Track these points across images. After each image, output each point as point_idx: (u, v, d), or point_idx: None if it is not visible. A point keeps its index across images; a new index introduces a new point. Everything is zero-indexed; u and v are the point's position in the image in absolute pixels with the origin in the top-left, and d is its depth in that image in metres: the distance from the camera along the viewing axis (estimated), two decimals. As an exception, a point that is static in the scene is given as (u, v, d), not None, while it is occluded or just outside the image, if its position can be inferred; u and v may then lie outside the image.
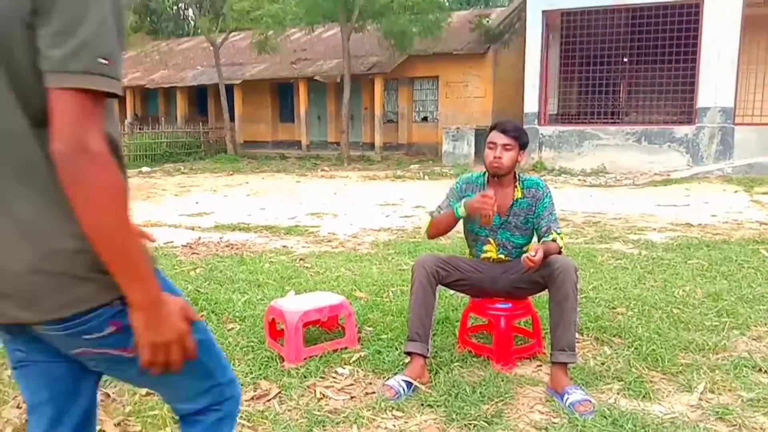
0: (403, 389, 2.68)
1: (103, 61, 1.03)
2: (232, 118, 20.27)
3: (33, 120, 1.07)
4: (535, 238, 3.06)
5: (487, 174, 3.05)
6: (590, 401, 2.54)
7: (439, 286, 2.92)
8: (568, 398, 2.57)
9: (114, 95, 1.07)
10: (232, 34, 20.51)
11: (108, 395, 2.73)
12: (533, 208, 3.00)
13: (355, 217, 7.76)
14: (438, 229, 3.02)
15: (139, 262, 1.10)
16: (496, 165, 2.93)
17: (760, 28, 12.64)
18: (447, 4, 17.86)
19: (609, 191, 10.43)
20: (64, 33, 1.00)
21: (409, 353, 2.85)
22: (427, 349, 2.84)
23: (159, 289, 1.13)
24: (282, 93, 22.21)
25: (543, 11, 13.47)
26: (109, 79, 1.04)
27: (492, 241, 3.05)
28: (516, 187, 3.01)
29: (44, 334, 1.18)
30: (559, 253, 2.91)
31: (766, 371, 2.88)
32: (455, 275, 2.95)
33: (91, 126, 1.02)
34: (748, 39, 12.19)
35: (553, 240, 2.92)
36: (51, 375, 1.28)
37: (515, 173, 3.03)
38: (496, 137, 2.95)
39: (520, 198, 3.00)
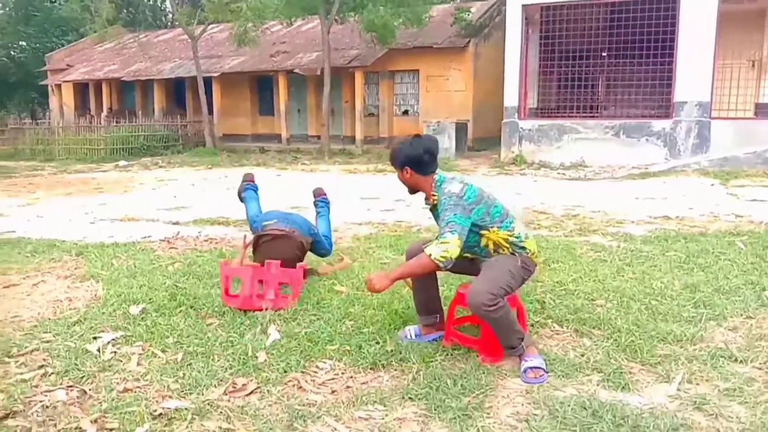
0: (410, 334, 3.23)
1: None
2: (210, 112, 20.06)
3: None
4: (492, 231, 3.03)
5: None
6: (542, 369, 2.82)
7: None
8: (524, 363, 2.86)
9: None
10: (211, 26, 20.27)
11: (84, 392, 2.69)
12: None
13: (336, 210, 7.70)
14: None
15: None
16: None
17: (735, 24, 12.82)
18: (428, -4, 17.80)
19: (588, 184, 10.52)
20: None
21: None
22: (437, 317, 3.27)
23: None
24: (261, 86, 22.02)
25: (522, 5, 13.49)
26: None
27: None
28: (433, 194, 3.07)
29: None
30: (432, 265, 2.84)
31: (741, 361, 2.92)
32: None
33: None
34: (723, 34, 12.36)
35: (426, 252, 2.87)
36: None
37: (431, 182, 3.06)
38: None
39: (437, 202, 3.04)
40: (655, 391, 2.66)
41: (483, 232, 3.01)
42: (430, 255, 2.82)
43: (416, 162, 3.05)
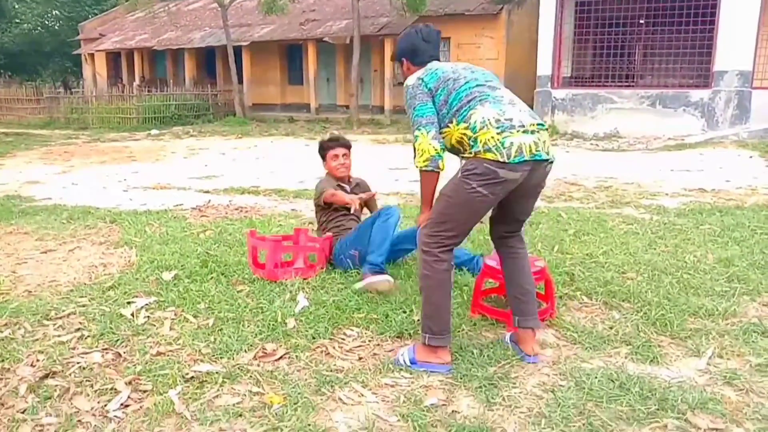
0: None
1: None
2: (240, 81, 20.09)
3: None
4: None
5: None
6: (397, 357, 2.66)
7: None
8: (403, 353, 2.66)
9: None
10: (241, -6, 20.19)
11: (119, 354, 2.77)
12: None
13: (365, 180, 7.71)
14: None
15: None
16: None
17: (782, -11, 12.28)
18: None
19: (622, 155, 10.31)
20: None
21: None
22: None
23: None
24: (291, 55, 21.95)
25: (558, -30, 13.12)
26: None
27: None
28: None
29: None
30: (427, 175, 2.59)
31: (775, 337, 2.87)
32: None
33: None
34: (768, 0, 11.86)
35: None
36: None
37: None
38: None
39: None
40: (684, 365, 2.63)
41: (444, 130, 2.57)
42: (418, 168, 2.59)
43: (412, 50, 2.70)
